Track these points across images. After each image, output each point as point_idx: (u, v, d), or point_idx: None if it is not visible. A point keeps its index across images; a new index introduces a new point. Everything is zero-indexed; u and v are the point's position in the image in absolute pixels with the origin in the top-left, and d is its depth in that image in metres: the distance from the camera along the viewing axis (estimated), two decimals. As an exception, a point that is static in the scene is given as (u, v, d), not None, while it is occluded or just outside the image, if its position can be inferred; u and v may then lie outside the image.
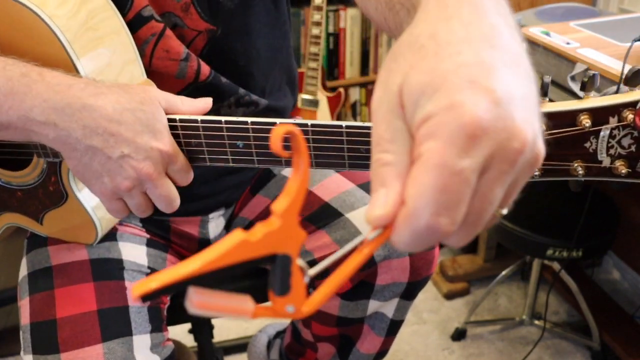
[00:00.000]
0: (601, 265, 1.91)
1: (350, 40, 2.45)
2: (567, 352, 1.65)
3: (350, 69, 2.53)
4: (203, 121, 0.63)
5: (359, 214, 0.87)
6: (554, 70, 1.16)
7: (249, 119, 0.61)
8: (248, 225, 0.97)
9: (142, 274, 0.85)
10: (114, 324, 0.76)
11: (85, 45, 0.67)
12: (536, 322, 1.71)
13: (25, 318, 0.77)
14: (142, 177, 0.62)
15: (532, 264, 1.65)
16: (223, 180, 0.91)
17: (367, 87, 2.61)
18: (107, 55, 0.69)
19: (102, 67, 0.69)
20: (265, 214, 0.95)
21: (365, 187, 0.90)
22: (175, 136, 0.65)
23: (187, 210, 0.91)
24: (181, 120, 0.64)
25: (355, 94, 2.64)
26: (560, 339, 1.69)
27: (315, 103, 2.36)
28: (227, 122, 0.62)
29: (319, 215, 0.89)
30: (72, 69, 0.66)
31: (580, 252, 1.38)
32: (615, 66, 0.99)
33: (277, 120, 0.60)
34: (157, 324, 0.83)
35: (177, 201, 0.66)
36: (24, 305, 0.79)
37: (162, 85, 0.71)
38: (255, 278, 0.99)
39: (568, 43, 1.11)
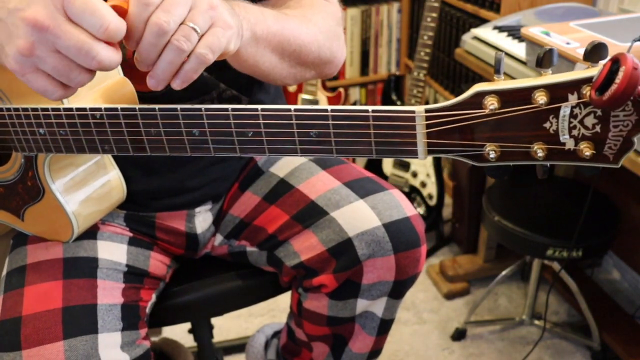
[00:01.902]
0: (601, 265, 1.91)
1: (350, 40, 2.45)
2: (567, 352, 1.64)
3: (350, 69, 2.53)
4: (161, 109, 0.63)
5: (344, 213, 0.87)
6: (553, 70, 1.15)
7: (203, 106, 0.61)
8: (239, 224, 0.97)
9: (119, 272, 0.84)
10: (78, 322, 0.76)
11: None
12: (536, 322, 1.71)
13: None
14: (35, 28, 0.52)
15: (532, 264, 1.65)
16: (208, 172, 0.91)
17: (367, 87, 2.61)
18: None
19: None
20: (255, 212, 0.95)
21: (351, 184, 0.90)
22: (135, 125, 0.64)
23: (173, 204, 0.91)
24: (140, 109, 0.64)
25: (355, 94, 2.64)
26: (560, 339, 1.69)
27: (315, 103, 2.36)
28: (182, 109, 0.62)
29: (306, 214, 0.89)
30: None
31: (580, 252, 1.38)
32: (615, 66, 0.99)
33: (229, 106, 0.60)
34: (132, 322, 0.82)
35: (94, 50, 0.53)
36: None
37: (143, 79, 0.72)
38: (252, 278, 0.99)
39: (568, 43, 1.11)
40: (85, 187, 0.80)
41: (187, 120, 0.62)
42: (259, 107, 0.59)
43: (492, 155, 0.51)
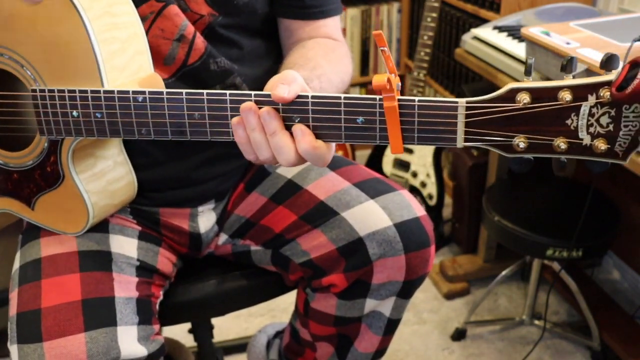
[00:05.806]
0: (601, 265, 1.91)
1: (350, 41, 2.45)
2: (567, 352, 1.65)
3: (350, 68, 2.52)
4: (208, 94, 0.65)
5: (355, 213, 0.87)
6: (554, 70, 1.16)
7: (253, 92, 0.64)
8: (244, 224, 0.97)
9: (132, 266, 0.85)
10: (98, 314, 0.77)
11: (102, 26, 0.70)
12: (536, 322, 1.71)
13: (12, 309, 0.78)
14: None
15: (532, 264, 1.65)
16: (212, 166, 0.92)
17: (367, 87, 2.61)
18: (120, 40, 0.72)
19: (114, 51, 0.71)
20: (262, 212, 0.95)
21: (361, 185, 0.90)
22: (179, 109, 0.66)
23: (176, 198, 0.91)
24: (187, 94, 0.66)
25: (355, 94, 2.63)
26: (560, 339, 1.69)
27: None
28: (231, 94, 0.64)
29: (315, 214, 0.89)
30: (88, 45, 0.69)
31: (580, 252, 1.38)
32: (615, 66, 0.99)
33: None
34: (146, 317, 0.83)
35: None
36: (13, 298, 0.79)
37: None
38: (255, 278, 0.99)
39: (568, 43, 1.11)
40: (103, 179, 0.81)
41: (234, 105, 0.65)
42: (309, 94, 0.62)
43: (522, 145, 0.58)
